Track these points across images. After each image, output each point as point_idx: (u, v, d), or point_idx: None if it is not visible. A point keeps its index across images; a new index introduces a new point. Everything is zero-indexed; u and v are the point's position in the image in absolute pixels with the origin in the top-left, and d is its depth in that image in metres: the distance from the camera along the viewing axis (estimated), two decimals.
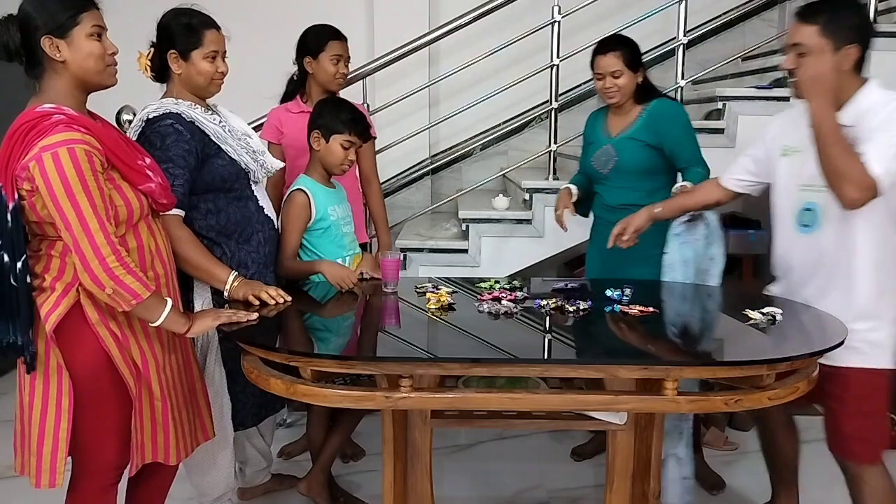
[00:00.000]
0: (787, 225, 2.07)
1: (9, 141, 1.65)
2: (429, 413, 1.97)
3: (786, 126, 2.12)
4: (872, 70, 3.10)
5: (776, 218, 2.13)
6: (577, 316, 2.02)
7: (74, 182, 1.60)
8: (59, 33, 1.67)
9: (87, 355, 1.73)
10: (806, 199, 2.01)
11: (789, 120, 2.12)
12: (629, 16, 3.51)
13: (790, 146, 2.07)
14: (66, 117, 1.65)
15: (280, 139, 2.83)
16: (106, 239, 1.64)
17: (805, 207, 2.02)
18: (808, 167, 1.95)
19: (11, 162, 1.63)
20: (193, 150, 2.04)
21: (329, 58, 2.77)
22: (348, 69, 2.89)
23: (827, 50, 1.92)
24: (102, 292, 1.66)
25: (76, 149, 1.61)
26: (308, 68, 2.82)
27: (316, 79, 2.83)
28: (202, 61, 2.09)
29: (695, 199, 2.35)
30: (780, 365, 1.75)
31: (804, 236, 2.02)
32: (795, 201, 2.05)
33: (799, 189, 2.03)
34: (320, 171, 2.45)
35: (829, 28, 1.92)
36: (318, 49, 2.78)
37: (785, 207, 2.09)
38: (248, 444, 2.51)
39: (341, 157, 2.40)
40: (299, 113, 2.82)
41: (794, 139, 2.05)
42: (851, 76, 1.98)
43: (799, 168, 2.03)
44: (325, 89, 2.83)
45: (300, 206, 2.37)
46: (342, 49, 2.82)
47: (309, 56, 2.80)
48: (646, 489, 2.07)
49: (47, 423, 1.72)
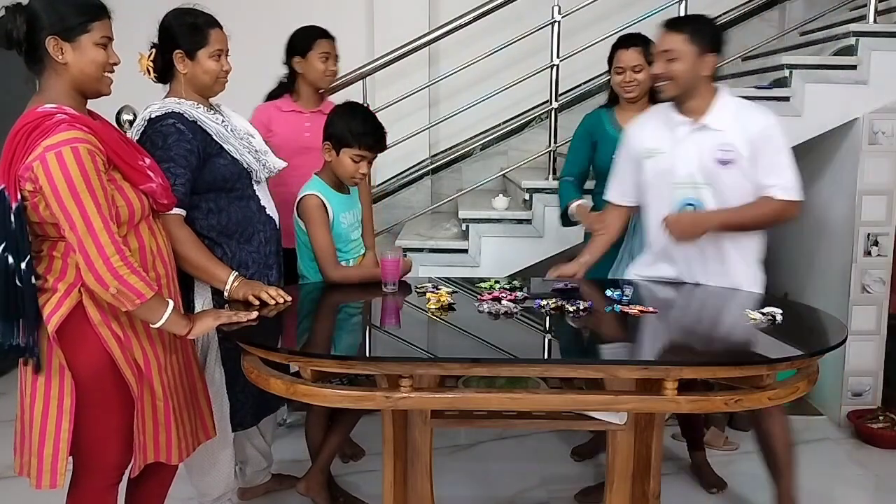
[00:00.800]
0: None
1: (11, 142, 1.65)
2: (429, 413, 1.97)
3: (644, 131, 2.33)
4: (872, 69, 3.12)
5: (652, 213, 2.32)
6: (577, 316, 2.02)
7: (79, 181, 1.60)
8: (67, 36, 1.67)
9: (89, 356, 1.73)
10: (683, 196, 2.23)
11: (646, 124, 2.34)
12: (629, 16, 3.51)
13: (652, 148, 2.28)
14: (68, 117, 1.65)
15: (269, 137, 2.82)
16: (110, 238, 1.64)
17: (686, 203, 2.23)
18: (678, 167, 2.22)
19: (14, 163, 1.63)
20: (195, 150, 2.04)
21: (318, 56, 2.82)
22: (338, 67, 2.92)
23: (693, 55, 2.16)
24: (106, 292, 1.66)
25: (80, 148, 1.61)
26: (297, 68, 2.85)
27: (306, 77, 2.86)
28: (208, 60, 2.09)
29: (611, 233, 2.48)
30: (780, 365, 1.75)
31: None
32: (672, 199, 2.25)
33: (673, 188, 2.24)
34: (333, 176, 2.41)
35: (695, 37, 2.16)
36: (307, 48, 2.82)
37: (662, 204, 2.27)
38: (249, 444, 2.51)
39: (352, 170, 2.35)
40: (290, 112, 2.84)
41: (653, 142, 2.28)
42: (709, 82, 2.22)
43: (667, 168, 2.25)
44: (314, 88, 2.89)
45: (319, 209, 2.34)
46: (330, 47, 2.86)
47: (298, 55, 2.84)
48: (646, 489, 2.07)
49: (48, 424, 1.72)
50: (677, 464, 2.89)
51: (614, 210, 2.48)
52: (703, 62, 2.18)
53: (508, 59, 3.81)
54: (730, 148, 2.17)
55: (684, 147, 2.23)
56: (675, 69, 2.17)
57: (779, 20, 4.32)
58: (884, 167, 3.09)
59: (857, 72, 3.08)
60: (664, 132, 2.26)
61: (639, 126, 2.37)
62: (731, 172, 2.18)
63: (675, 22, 2.24)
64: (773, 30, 4.22)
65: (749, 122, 2.18)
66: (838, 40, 3.21)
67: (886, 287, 3.15)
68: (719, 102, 2.21)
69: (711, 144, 2.20)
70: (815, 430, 3.18)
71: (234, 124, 2.20)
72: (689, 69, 2.17)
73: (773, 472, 2.33)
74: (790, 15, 4.25)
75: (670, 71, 2.18)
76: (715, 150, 2.19)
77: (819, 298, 3.23)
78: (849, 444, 3.07)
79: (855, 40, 3.09)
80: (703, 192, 2.20)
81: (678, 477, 2.80)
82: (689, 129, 2.23)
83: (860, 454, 2.99)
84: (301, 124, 2.84)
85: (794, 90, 3.10)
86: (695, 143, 2.22)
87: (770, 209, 2.20)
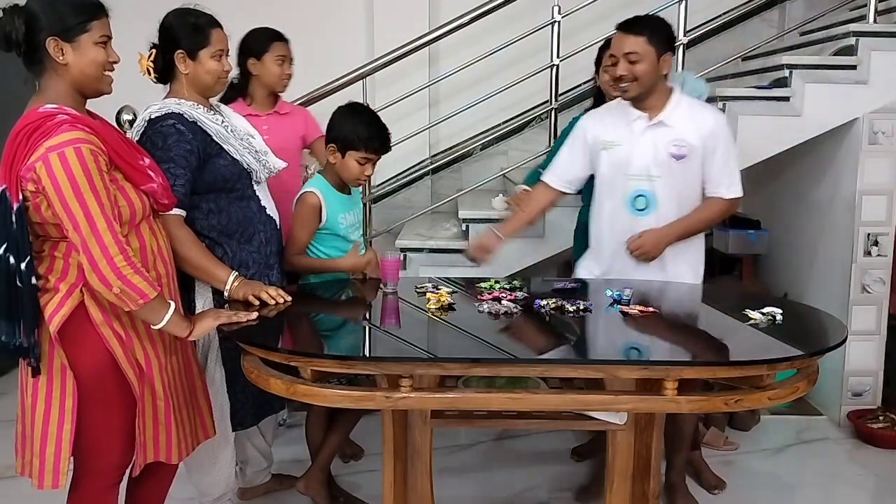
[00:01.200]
0: (622, 209, 2.38)
1: (12, 142, 1.64)
2: (429, 413, 1.97)
3: (601, 124, 2.43)
4: (872, 69, 3.12)
5: (604, 203, 2.43)
6: (577, 316, 2.02)
7: (82, 181, 1.60)
8: (66, 37, 1.67)
9: (91, 356, 1.73)
10: (636, 187, 2.35)
11: (604, 118, 2.44)
12: (629, 16, 3.49)
13: (609, 141, 2.38)
14: (69, 117, 1.65)
15: None
16: (114, 238, 1.64)
17: (638, 194, 2.35)
18: (634, 160, 2.33)
19: (16, 163, 1.63)
20: (195, 150, 2.04)
21: (273, 59, 2.80)
22: (292, 70, 2.91)
23: (654, 56, 2.26)
24: (110, 292, 1.66)
25: (82, 148, 1.61)
26: (252, 70, 2.84)
27: (261, 80, 2.85)
28: (210, 60, 2.09)
29: (529, 213, 2.57)
30: (780, 365, 1.75)
31: (642, 218, 2.35)
32: (626, 189, 2.36)
33: (627, 178, 2.36)
34: (336, 177, 2.41)
35: (654, 38, 2.27)
36: (262, 50, 2.80)
37: (616, 194, 2.39)
38: (249, 444, 2.51)
39: (357, 172, 2.36)
40: (246, 116, 2.67)
41: (611, 135, 2.38)
42: (665, 81, 2.34)
43: (623, 160, 2.35)
44: (269, 91, 2.87)
45: (311, 209, 2.34)
46: (286, 50, 2.85)
47: (252, 57, 2.82)
48: (646, 489, 2.07)
49: (50, 425, 1.72)
50: None
51: (544, 192, 2.54)
52: (663, 62, 2.30)
53: (508, 60, 3.80)
54: (683, 143, 2.31)
55: (641, 141, 2.34)
56: (638, 70, 2.26)
57: (779, 20, 4.32)
58: (884, 167, 3.09)
59: (857, 72, 3.08)
60: (621, 126, 2.37)
61: (597, 119, 2.47)
62: (683, 166, 2.32)
63: (633, 24, 2.31)
64: (773, 30, 4.22)
65: (701, 120, 2.32)
66: (838, 40, 3.21)
67: (886, 287, 3.15)
68: (674, 101, 2.34)
69: (666, 140, 2.32)
70: (815, 430, 3.19)
71: (234, 124, 2.20)
72: (652, 70, 2.27)
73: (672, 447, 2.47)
74: (790, 15, 4.25)
75: (634, 72, 2.27)
76: (670, 144, 2.32)
77: (819, 298, 3.23)
78: (849, 444, 3.07)
79: (855, 40, 3.09)
80: (657, 184, 2.33)
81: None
82: (645, 124, 2.34)
83: (860, 454, 2.99)
84: (259, 127, 2.68)
85: (794, 90, 3.10)
86: (651, 138, 2.34)
87: (718, 209, 2.38)
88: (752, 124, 3.14)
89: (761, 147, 3.19)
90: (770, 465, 2.93)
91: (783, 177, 3.71)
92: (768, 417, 3.27)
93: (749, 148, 3.18)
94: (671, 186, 2.34)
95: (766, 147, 3.19)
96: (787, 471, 2.91)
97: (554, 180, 2.52)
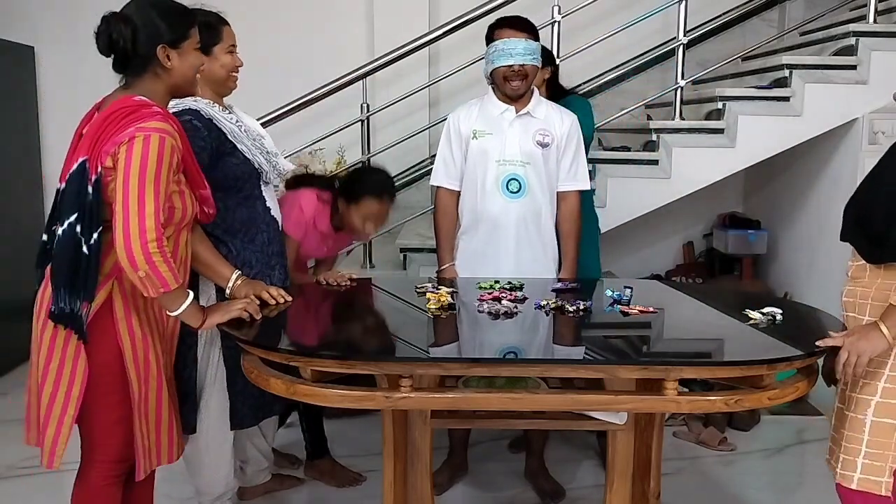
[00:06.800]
0: (496, 193, 2.53)
1: (103, 121, 1.71)
2: (429, 413, 1.97)
3: (470, 115, 2.60)
4: (872, 69, 3.12)
5: (477, 187, 2.56)
6: (577, 316, 2.02)
7: (152, 167, 1.67)
8: (174, 44, 1.79)
9: (102, 348, 1.76)
10: (508, 172, 2.52)
11: (470, 110, 2.61)
12: (629, 16, 3.52)
13: (480, 130, 2.56)
14: (162, 112, 1.75)
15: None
16: (155, 224, 1.68)
17: (511, 178, 2.51)
18: (505, 147, 2.51)
19: (101, 139, 1.70)
20: (207, 148, 2.06)
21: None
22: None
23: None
24: (135, 273, 1.68)
25: (166, 140, 1.70)
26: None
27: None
28: (224, 54, 2.15)
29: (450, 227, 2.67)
30: (779, 365, 1.75)
31: (515, 201, 2.52)
32: (498, 174, 2.52)
33: (498, 164, 2.52)
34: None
35: (536, 37, 2.52)
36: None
37: (489, 179, 2.54)
38: (249, 444, 2.51)
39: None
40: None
41: (481, 124, 2.57)
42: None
43: (494, 147, 2.53)
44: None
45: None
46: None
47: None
48: (646, 489, 2.07)
49: (54, 410, 1.76)
50: (677, 464, 2.89)
51: (450, 197, 2.65)
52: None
53: None
54: (547, 133, 2.54)
55: (510, 130, 2.53)
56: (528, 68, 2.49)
57: (779, 20, 4.32)
58: None
59: (857, 72, 3.09)
60: (490, 117, 2.56)
61: (464, 112, 2.63)
62: (546, 154, 2.54)
63: (520, 23, 2.54)
64: (773, 30, 4.22)
65: (559, 117, 2.57)
66: (838, 40, 3.21)
67: None
68: (535, 98, 2.58)
69: (533, 129, 2.54)
70: (815, 430, 3.18)
71: (246, 125, 2.22)
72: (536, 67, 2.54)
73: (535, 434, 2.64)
74: (790, 15, 4.26)
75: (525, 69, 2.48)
76: (535, 133, 2.53)
77: (819, 298, 3.22)
78: None
79: (855, 40, 3.10)
80: (527, 169, 2.52)
81: (678, 477, 2.80)
82: (513, 115, 2.54)
83: None
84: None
85: (794, 90, 3.10)
86: (519, 127, 2.54)
87: (576, 207, 2.60)
88: (753, 124, 3.14)
89: (761, 147, 3.19)
90: (770, 465, 2.93)
91: (783, 177, 3.71)
92: (768, 417, 3.27)
93: (749, 148, 3.18)
94: (538, 173, 2.53)
95: (766, 147, 3.20)
96: (787, 471, 2.91)
97: (454, 183, 2.63)
